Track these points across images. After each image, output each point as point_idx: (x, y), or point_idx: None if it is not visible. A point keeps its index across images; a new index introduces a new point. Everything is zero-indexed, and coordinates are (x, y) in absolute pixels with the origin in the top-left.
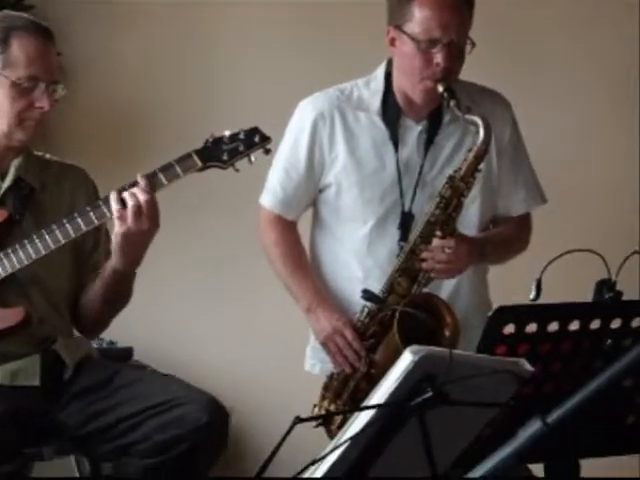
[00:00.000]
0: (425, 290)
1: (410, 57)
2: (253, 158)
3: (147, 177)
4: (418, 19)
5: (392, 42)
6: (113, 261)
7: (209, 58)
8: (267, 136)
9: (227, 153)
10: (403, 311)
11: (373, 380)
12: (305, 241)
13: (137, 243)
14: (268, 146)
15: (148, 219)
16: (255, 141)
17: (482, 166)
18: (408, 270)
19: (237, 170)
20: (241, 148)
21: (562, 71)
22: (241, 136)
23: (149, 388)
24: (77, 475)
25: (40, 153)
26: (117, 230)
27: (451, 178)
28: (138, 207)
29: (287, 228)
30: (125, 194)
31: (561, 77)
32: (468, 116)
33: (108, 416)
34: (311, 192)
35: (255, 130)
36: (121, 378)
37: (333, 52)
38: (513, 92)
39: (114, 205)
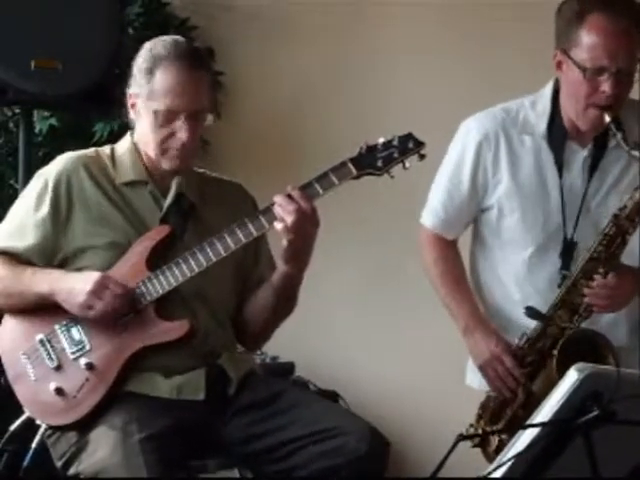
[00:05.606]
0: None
1: (576, 84)
2: (407, 164)
3: (300, 187)
4: (585, 46)
5: (559, 65)
6: (283, 268)
7: (364, 71)
8: (421, 141)
9: (381, 160)
10: (562, 347)
11: (531, 409)
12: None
13: (305, 247)
14: (422, 151)
15: (311, 225)
16: (409, 147)
17: None
18: (568, 303)
19: (392, 177)
20: (395, 154)
21: None
22: (395, 142)
23: (311, 414)
24: None
25: (201, 170)
26: (284, 240)
27: (616, 216)
28: (299, 216)
29: (447, 247)
30: (283, 206)
31: None
32: (635, 152)
33: (270, 438)
34: (472, 212)
35: (409, 136)
36: (284, 400)
37: (491, 64)
38: None
39: (280, 214)
